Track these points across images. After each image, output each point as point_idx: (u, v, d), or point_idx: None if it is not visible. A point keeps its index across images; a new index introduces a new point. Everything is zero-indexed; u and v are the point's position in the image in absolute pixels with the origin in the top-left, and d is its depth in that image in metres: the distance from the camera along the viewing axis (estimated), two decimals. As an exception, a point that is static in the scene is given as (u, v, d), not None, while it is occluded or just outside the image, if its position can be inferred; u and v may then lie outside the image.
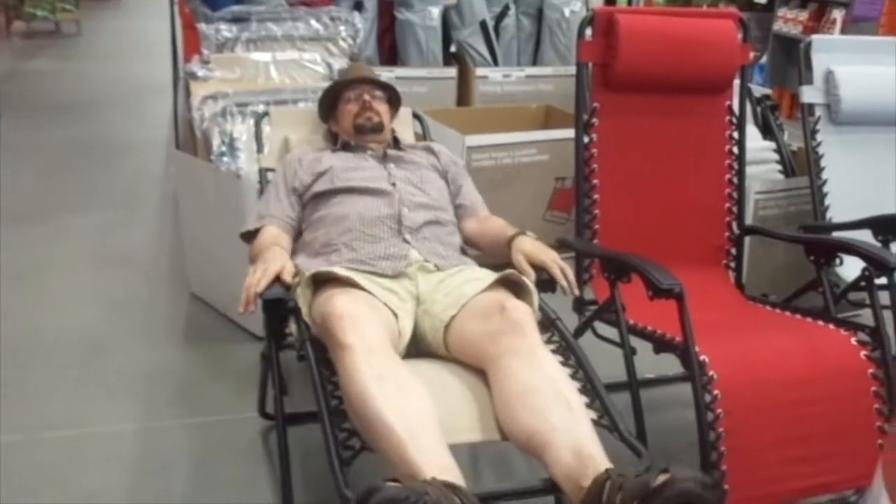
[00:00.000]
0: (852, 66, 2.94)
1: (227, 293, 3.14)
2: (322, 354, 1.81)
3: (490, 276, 1.97)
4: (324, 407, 1.65)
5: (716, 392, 1.99)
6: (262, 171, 2.63)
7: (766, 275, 3.02)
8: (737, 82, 2.65)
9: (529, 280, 2.00)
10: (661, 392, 2.76)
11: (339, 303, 1.71)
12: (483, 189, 2.52)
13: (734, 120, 2.62)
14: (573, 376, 1.78)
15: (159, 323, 3.21)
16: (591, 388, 1.76)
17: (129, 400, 2.69)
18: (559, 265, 2.03)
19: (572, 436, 1.54)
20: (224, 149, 3.24)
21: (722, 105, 2.62)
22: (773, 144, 3.55)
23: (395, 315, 1.86)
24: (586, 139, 2.50)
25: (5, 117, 5.77)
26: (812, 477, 2.07)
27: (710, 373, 2.00)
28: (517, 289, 1.95)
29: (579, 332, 2.42)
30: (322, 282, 1.91)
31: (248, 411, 2.57)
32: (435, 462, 1.45)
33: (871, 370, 2.12)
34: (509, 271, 1.95)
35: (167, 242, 3.90)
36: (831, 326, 2.24)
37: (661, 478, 1.38)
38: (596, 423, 1.66)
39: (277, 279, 1.93)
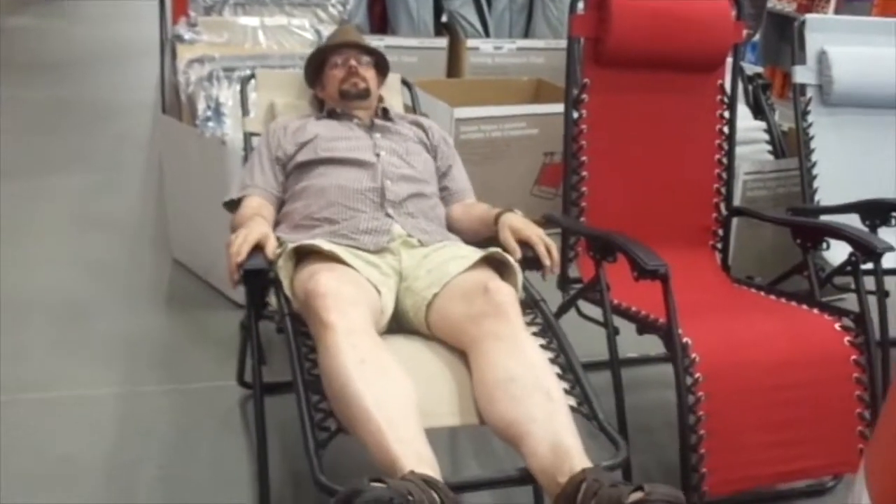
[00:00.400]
0: (846, 46, 2.91)
1: (209, 259, 3.12)
2: (301, 330, 1.78)
3: (475, 253, 1.94)
4: (301, 387, 1.63)
5: (697, 375, 1.98)
6: (247, 136, 2.59)
7: (752, 256, 3.01)
8: (729, 60, 2.62)
9: (515, 257, 1.97)
10: (642, 372, 2.76)
11: (324, 280, 1.68)
12: (471, 162, 2.49)
13: (725, 99, 2.60)
14: (554, 360, 1.76)
15: (141, 287, 3.18)
16: (571, 373, 1.74)
17: (109, 364, 2.67)
18: (545, 242, 2.00)
19: (550, 428, 1.52)
20: (210, 114, 3.19)
21: (713, 83, 2.59)
22: (763, 124, 3.52)
23: (378, 291, 1.84)
24: (575, 115, 2.46)
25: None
26: (791, 461, 2.07)
27: (693, 355, 1.99)
28: (502, 268, 1.93)
29: (563, 310, 2.41)
30: (304, 255, 1.88)
31: (227, 379, 2.55)
32: (412, 452, 1.43)
33: (853, 356, 2.12)
34: (494, 249, 1.92)
35: (151, 207, 3.86)
36: (815, 311, 2.24)
37: (636, 495, 1.35)
38: (575, 409, 1.64)
39: (258, 247, 1.90)
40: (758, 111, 3.58)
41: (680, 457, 1.99)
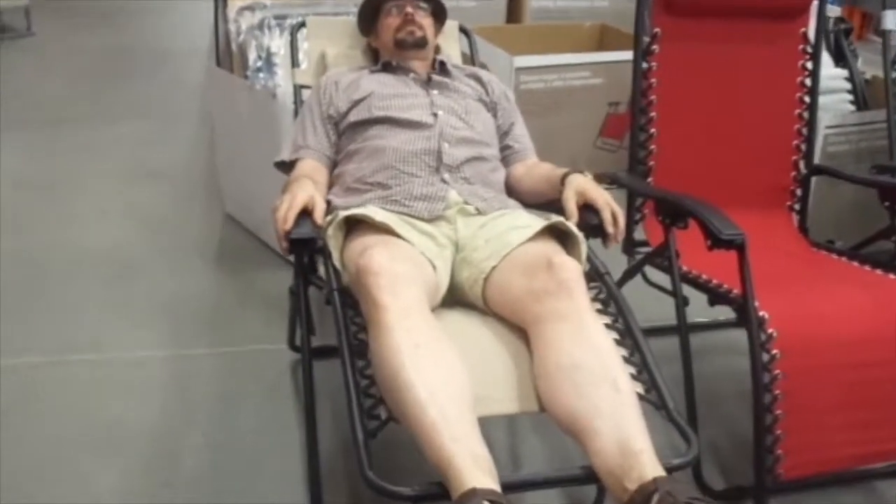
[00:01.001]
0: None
1: (261, 215, 3.03)
2: (350, 305, 1.68)
3: (536, 222, 1.80)
4: (349, 371, 1.52)
5: (774, 351, 1.85)
6: (298, 89, 2.47)
7: (830, 217, 2.83)
8: (814, 4, 2.41)
9: (572, 220, 1.84)
10: (710, 338, 2.62)
11: (378, 257, 1.55)
12: (531, 114, 2.35)
13: (809, 48, 2.40)
14: (620, 342, 1.63)
15: (191, 243, 3.12)
16: (638, 354, 1.60)
17: (156, 325, 2.61)
18: (612, 208, 1.85)
19: (618, 425, 1.39)
20: (260, 64, 3.09)
21: (796, 31, 2.40)
22: (844, 72, 3.30)
23: (434, 266, 1.72)
24: (644, 67, 2.30)
25: (39, 22, 5.64)
26: (871, 443, 1.93)
27: (770, 330, 1.85)
28: (565, 238, 1.80)
29: (628, 276, 2.28)
30: (355, 224, 1.77)
31: (277, 342, 2.48)
32: (467, 452, 1.32)
33: (944, 331, 1.95)
34: (558, 219, 1.78)
35: (204, 159, 3.78)
36: (904, 280, 2.07)
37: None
38: (642, 397, 1.51)
39: (306, 212, 1.79)
40: (839, 58, 3.35)
41: (754, 438, 1.86)
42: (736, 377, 2.48)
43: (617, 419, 1.40)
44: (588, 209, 1.87)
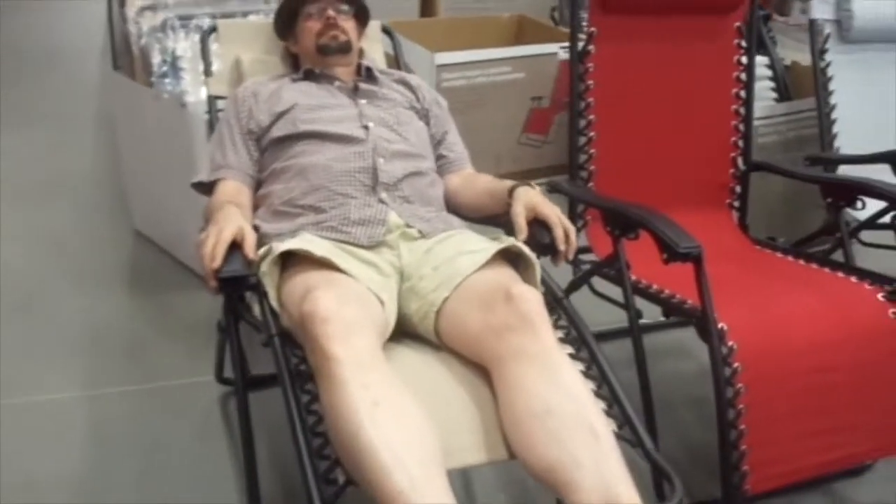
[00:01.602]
0: (866, -24, 2.67)
1: (175, 232, 2.85)
2: (295, 353, 1.53)
3: (485, 245, 1.68)
4: (299, 429, 1.38)
5: (736, 365, 1.78)
6: (212, 99, 2.30)
7: (762, 210, 2.79)
8: (746, -1, 2.36)
9: (520, 237, 1.73)
10: (656, 339, 2.54)
11: (324, 301, 1.40)
12: (455, 111, 2.23)
13: (743, 43, 2.35)
14: (586, 372, 1.53)
15: (101, 266, 2.90)
16: (606, 385, 1.51)
17: (67, 362, 2.41)
18: (564, 224, 1.74)
19: (602, 477, 1.29)
20: (166, 69, 2.89)
21: (730, 26, 2.34)
22: (765, 59, 3.28)
23: (381, 301, 1.58)
24: (581, 69, 2.20)
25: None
26: (836, 448, 1.89)
27: (730, 343, 1.79)
28: (516, 260, 1.68)
29: (574, 286, 2.18)
30: (291, 254, 1.62)
31: (204, 373, 2.31)
32: None
33: (899, 329, 1.92)
34: (509, 241, 1.67)
35: (105, 169, 3.53)
36: (854, 279, 2.04)
37: None
38: (616, 434, 1.41)
39: (234, 245, 1.63)
40: (759, 45, 3.32)
41: (720, 456, 1.79)
42: (685, 381, 2.44)
43: (599, 470, 1.30)
44: (537, 225, 1.76)
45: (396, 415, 1.30)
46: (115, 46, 3.54)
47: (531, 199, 1.78)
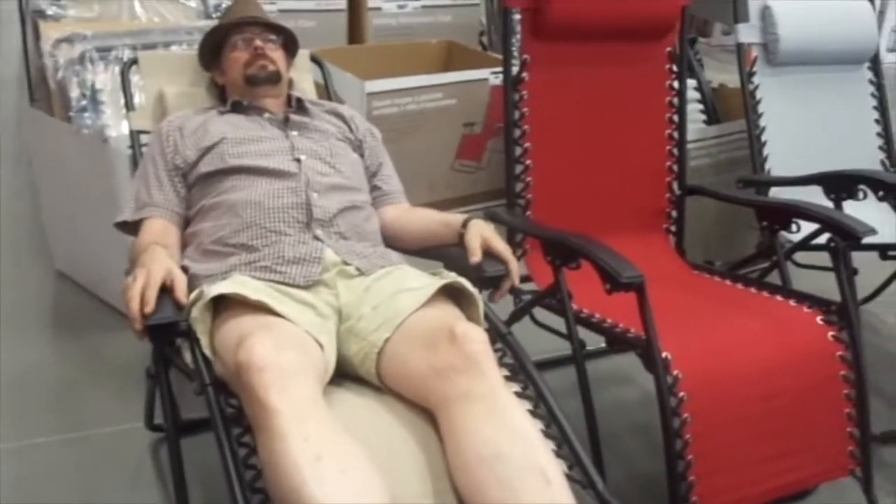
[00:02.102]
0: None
1: (99, 271, 2.75)
2: (229, 403, 1.46)
3: (426, 281, 1.63)
4: (239, 495, 1.31)
5: (682, 394, 1.76)
6: (135, 134, 2.21)
7: (696, 231, 2.80)
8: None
9: (476, 259, 1.71)
10: (595, 367, 2.51)
11: (260, 348, 1.33)
12: (387, 139, 2.19)
13: (675, 68, 2.35)
14: (534, 412, 1.49)
15: (22, 309, 2.78)
16: (555, 424, 1.47)
17: (-11, 412, 2.29)
18: (513, 262, 1.72)
19: None
20: (85, 102, 2.79)
21: (662, 51, 2.34)
22: (693, 82, 3.31)
23: (320, 344, 1.52)
24: (516, 97, 2.18)
25: None
26: (783, 474, 1.89)
27: (675, 372, 1.76)
28: (458, 296, 1.64)
29: (515, 318, 2.15)
30: (223, 297, 1.55)
31: (134, 419, 2.20)
32: None
33: (839, 352, 1.94)
34: (453, 277, 1.62)
35: (23, 207, 3.38)
36: (792, 302, 2.04)
37: None
38: (567, 475, 1.37)
39: (164, 289, 1.55)
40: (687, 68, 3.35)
41: (668, 487, 1.77)
42: (629, 409, 2.42)
43: None
44: (486, 257, 1.74)
45: (341, 468, 1.24)
46: (30, 80, 3.41)
47: (484, 230, 1.78)
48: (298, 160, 1.87)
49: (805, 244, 2.22)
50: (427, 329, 1.51)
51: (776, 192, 2.54)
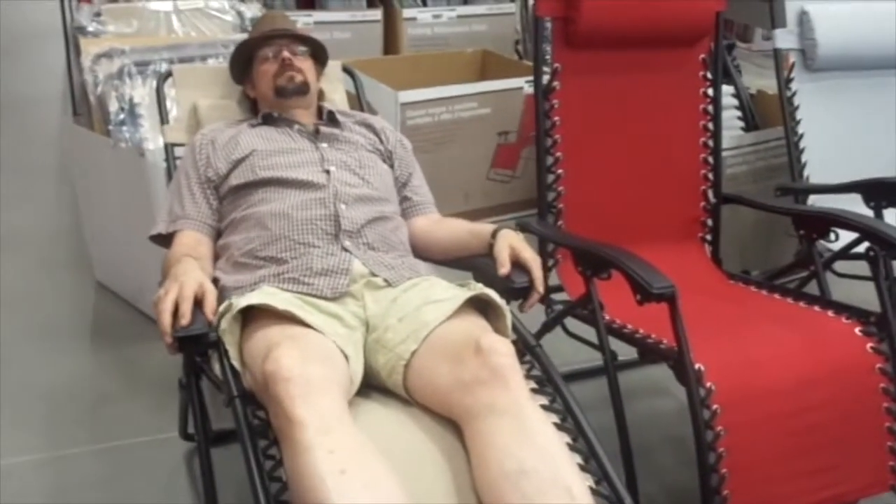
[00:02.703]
0: (828, 3, 2.65)
1: (137, 282, 2.78)
2: (257, 416, 1.46)
3: (453, 293, 1.63)
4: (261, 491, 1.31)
5: (715, 407, 1.73)
6: (169, 147, 2.23)
7: (733, 241, 2.76)
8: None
9: (502, 271, 1.70)
10: (628, 378, 2.47)
11: (287, 360, 1.34)
12: (420, 149, 2.20)
13: (709, 75, 2.32)
14: (561, 426, 1.47)
15: (61, 320, 2.82)
16: (583, 439, 1.45)
17: (26, 423, 2.31)
18: (540, 272, 1.71)
19: None
20: (123, 116, 2.83)
21: (696, 58, 2.31)
22: (730, 89, 3.27)
23: (346, 356, 1.52)
24: (546, 106, 2.16)
25: None
26: (820, 490, 1.84)
27: (708, 384, 1.73)
28: (485, 307, 1.63)
29: (547, 328, 2.13)
30: (252, 308, 1.56)
31: (169, 430, 2.22)
32: None
33: (878, 364, 1.89)
34: (480, 289, 1.62)
35: (66, 221, 3.45)
36: (830, 313, 2.00)
37: None
38: (593, 490, 1.35)
39: (195, 301, 1.57)
40: (724, 74, 3.31)
41: (702, 501, 1.73)
42: (663, 421, 2.39)
43: None
44: (514, 268, 1.73)
45: (365, 483, 1.24)
46: (74, 94, 3.47)
47: (514, 241, 1.77)
48: (328, 171, 1.88)
49: (844, 253, 2.18)
50: (453, 342, 1.50)
51: (815, 200, 2.49)
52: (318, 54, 2.17)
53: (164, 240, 1.92)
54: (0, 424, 2.30)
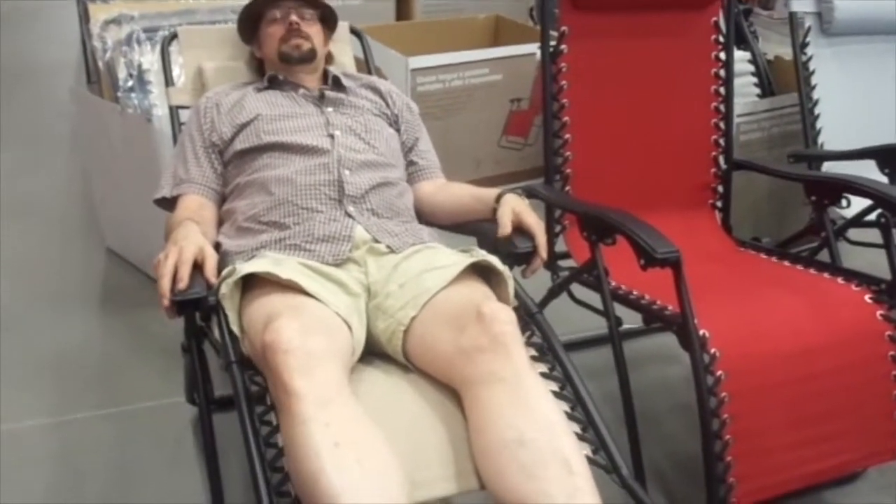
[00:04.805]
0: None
1: (146, 249, 2.77)
2: (254, 381, 1.46)
3: (455, 259, 1.61)
4: (260, 474, 1.31)
5: (719, 373, 1.71)
6: (174, 110, 2.21)
7: (746, 207, 2.73)
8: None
9: (504, 232, 1.70)
10: (637, 346, 2.47)
11: (287, 331, 1.32)
12: (431, 116, 2.17)
13: (721, 38, 2.28)
14: (560, 394, 1.46)
15: (71, 286, 2.83)
16: (581, 408, 1.44)
17: (36, 387, 2.33)
18: (543, 237, 1.70)
19: None
20: (132, 83, 2.82)
21: (707, 21, 2.27)
22: (747, 55, 3.22)
23: (349, 326, 1.51)
24: (554, 70, 2.13)
25: None
26: (825, 458, 1.82)
27: (712, 350, 1.72)
28: (488, 273, 1.62)
29: (552, 294, 2.12)
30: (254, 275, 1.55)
31: (176, 395, 2.23)
32: None
33: (888, 332, 1.86)
34: (482, 256, 1.60)
35: (77, 188, 3.45)
36: (840, 280, 1.97)
37: None
38: (590, 460, 1.34)
39: (195, 265, 1.56)
40: (739, 40, 3.26)
41: (704, 467, 1.72)
42: (669, 389, 2.38)
43: None
44: (517, 233, 1.72)
45: (358, 458, 1.23)
46: (87, 61, 3.47)
47: (517, 205, 1.76)
48: (332, 136, 1.86)
49: (857, 220, 2.15)
50: (454, 308, 1.49)
51: (829, 167, 2.45)
52: (328, 17, 2.13)
53: (169, 203, 1.92)
54: (9, 388, 2.32)
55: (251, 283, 1.56)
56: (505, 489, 1.29)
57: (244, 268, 1.55)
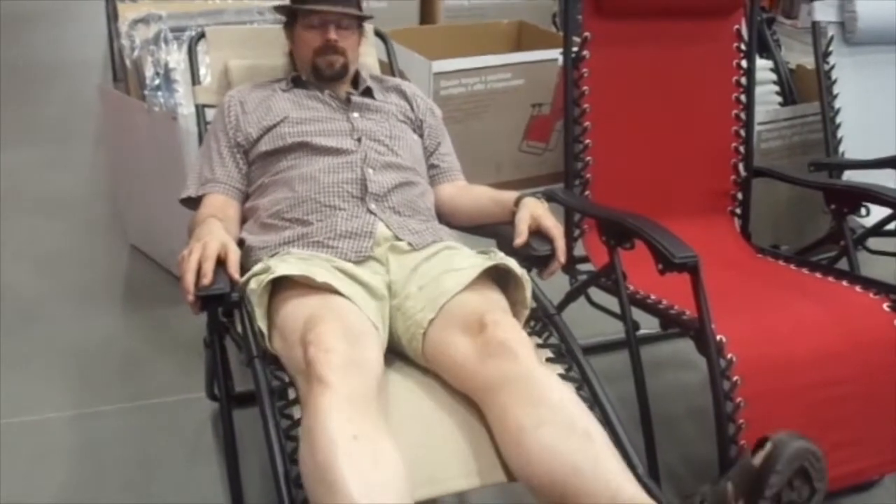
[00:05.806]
0: (870, -24, 2.61)
1: (169, 246, 2.81)
2: (276, 376, 1.48)
3: (472, 262, 1.63)
4: (280, 467, 1.33)
5: (735, 378, 1.72)
6: (200, 109, 2.24)
7: (766, 215, 2.73)
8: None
9: (518, 241, 1.70)
10: (655, 351, 2.49)
11: (331, 337, 1.37)
12: (453, 119, 2.19)
13: (743, 46, 2.29)
14: (577, 393, 1.48)
15: (95, 281, 2.86)
16: (598, 409, 1.45)
17: (59, 380, 2.37)
18: (561, 241, 1.71)
19: (603, 479, 1.26)
20: (158, 81, 2.85)
21: (729, 29, 2.28)
22: (769, 63, 3.22)
23: (376, 328, 1.53)
24: (575, 75, 2.15)
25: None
26: (840, 465, 1.82)
27: (729, 355, 1.73)
28: (506, 277, 1.64)
29: (570, 297, 2.13)
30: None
31: (196, 390, 2.26)
32: None
33: (905, 340, 1.86)
34: (500, 259, 1.62)
35: (103, 185, 3.50)
36: (858, 288, 1.98)
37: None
38: None
39: (218, 261, 1.59)
40: (762, 48, 3.26)
41: (720, 471, 1.73)
42: (685, 393, 2.38)
43: (600, 473, 1.27)
44: (535, 236, 1.73)
45: (373, 454, 1.25)
46: (114, 59, 3.51)
47: (536, 209, 1.77)
48: (358, 140, 1.88)
49: (877, 229, 2.15)
50: (466, 314, 1.52)
51: (849, 176, 2.46)
52: (362, 27, 2.10)
53: (194, 203, 1.94)
54: (33, 381, 2.36)
55: (281, 282, 1.58)
56: (533, 472, 1.32)
57: (279, 268, 1.56)
